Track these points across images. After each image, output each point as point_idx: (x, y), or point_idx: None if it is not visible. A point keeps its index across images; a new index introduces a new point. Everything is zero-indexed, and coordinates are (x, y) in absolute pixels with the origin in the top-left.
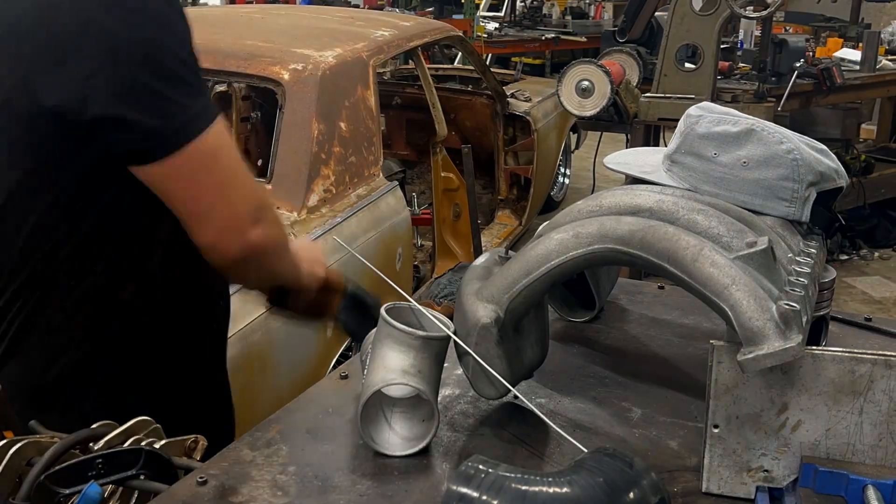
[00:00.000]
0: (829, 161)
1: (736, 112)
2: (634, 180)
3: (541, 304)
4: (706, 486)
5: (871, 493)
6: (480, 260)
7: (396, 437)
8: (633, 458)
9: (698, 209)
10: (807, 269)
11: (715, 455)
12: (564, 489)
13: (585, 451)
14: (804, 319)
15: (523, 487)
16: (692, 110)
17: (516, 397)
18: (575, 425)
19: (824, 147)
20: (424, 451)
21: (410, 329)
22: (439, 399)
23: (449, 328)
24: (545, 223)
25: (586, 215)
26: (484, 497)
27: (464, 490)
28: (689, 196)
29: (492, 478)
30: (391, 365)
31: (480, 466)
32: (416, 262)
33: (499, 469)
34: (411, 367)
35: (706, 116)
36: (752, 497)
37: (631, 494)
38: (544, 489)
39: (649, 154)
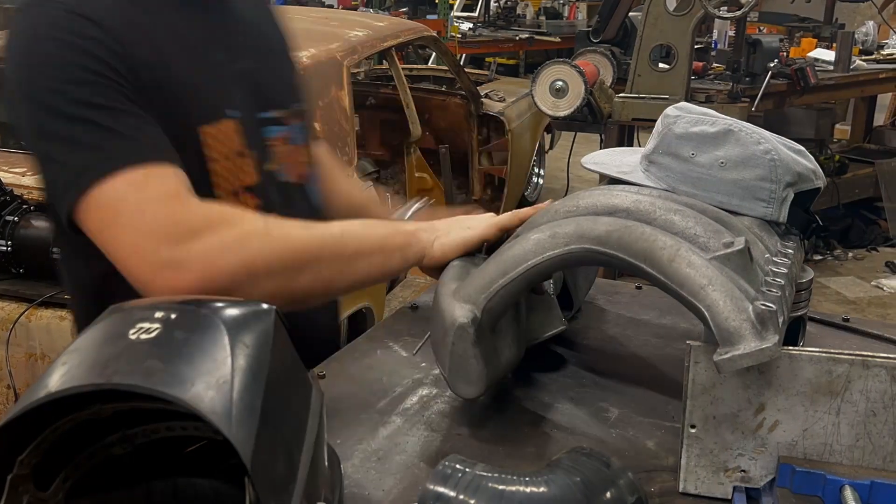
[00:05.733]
0: (806, 162)
1: (714, 112)
2: (611, 180)
3: (518, 303)
4: (683, 486)
5: (849, 494)
6: (457, 260)
7: None
8: (609, 457)
9: (675, 209)
10: (783, 270)
11: (692, 455)
12: (542, 488)
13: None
14: (780, 320)
15: (500, 487)
16: (670, 110)
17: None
18: (552, 425)
19: (802, 148)
20: (401, 451)
21: None
22: (415, 400)
23: None
24: (522, 224)
25: (563, 215)
26: (461, 496)
27: (441, 489)
28: (666, 196)
29: (469, 477)
30: None
31: (458, 466)
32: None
33: (476, 468)
34: None
35: (684, 117)
36: (729, 497)
37: (608, 494)
38: (521, 488)
39: (627, 154)
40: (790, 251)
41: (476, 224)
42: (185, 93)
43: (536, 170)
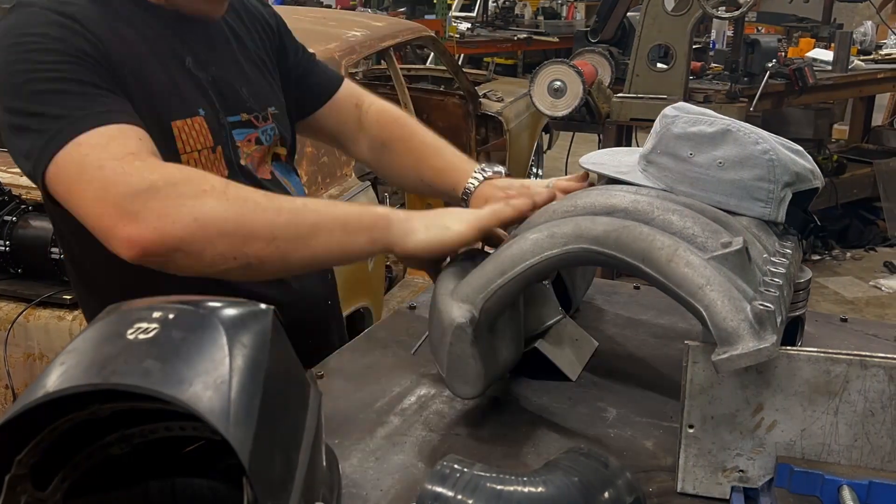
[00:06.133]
0: (804, 162)
1: (712, 112)
2: (609, 181)
3: (516, 303)
4: (681, 487)
5: (847, 494)
6: (456, 259)
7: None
8: (608, 457)
9: (673, 209)
10: (782, 270)
11: (690, 455)
12: (539, 489)
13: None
14: (779, 320)
15: (498, 487)
16: (668, 110)
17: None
18: (550, 425)
19: (800, 148)
20: (399, 451)
21: None
22: (414, 399)
23: None
24: (521, 224)
25: (561, 215)
26: (459, 496)
27: (439, 489)
28: (664, 196)
29: (467, 477)
30: None
31: (456, 466)
32: (388, 263)
33: (474, 469)
34: None
35: (682, 117)
36: (728, 497)
37: (606, 494)
38: (519, 489)
39: (625, 154)
40: (788, 251)
41: (456, 225)
42: (157, 90)
43: (534, 170)
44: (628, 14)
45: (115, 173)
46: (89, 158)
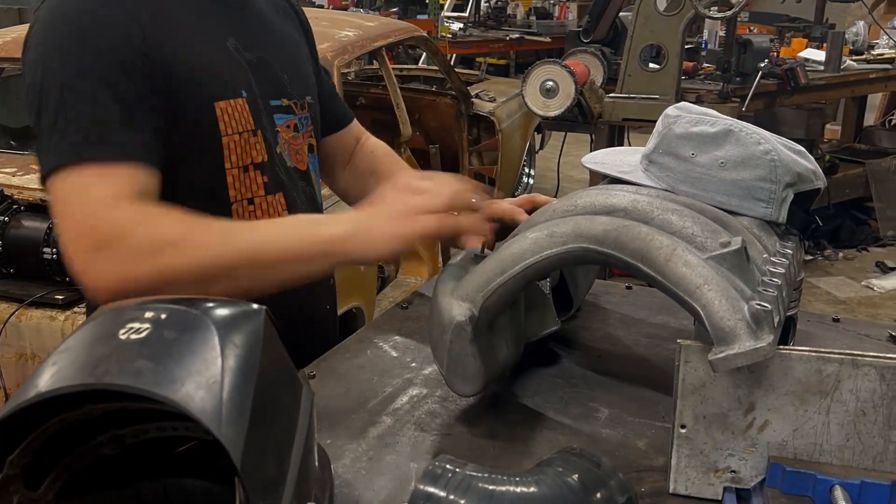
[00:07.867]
0: (806, 162)
1: (714, 112)
2: (611, 180)
3: (516, 302)
4: (673, 487)
5: (839, 494)
6: (457, 258)
7: None
8: (600, 457)
9: (673, 209)
10: (781, 270)
11: (682, 455)
12: (532, 489)
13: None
14: (776, 320)
15: (490, 487)
16: (670, 110)
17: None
18: (543, 425)
19: (802, 148)
20: (392, 451)
21: None
22: (406, 399)
23: None
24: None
25: (561, 215)
26: (451, 496)
27: (431, 489)
28: (664, 196)
29: (459, 477)
30: None
31: (448, 466)
32: (380, 263)
33: (466, 469)
34: None
35: (684, 116)
36: (720, 498)
37: (598, 494)
38: (511, 489)
39: (628, 154)
40: (789, 251)
41: (383, 244)
42: (201, 71)
43: (526, 170)
44: (620, 14)
45: (85, 222)
46: (70, 200)
